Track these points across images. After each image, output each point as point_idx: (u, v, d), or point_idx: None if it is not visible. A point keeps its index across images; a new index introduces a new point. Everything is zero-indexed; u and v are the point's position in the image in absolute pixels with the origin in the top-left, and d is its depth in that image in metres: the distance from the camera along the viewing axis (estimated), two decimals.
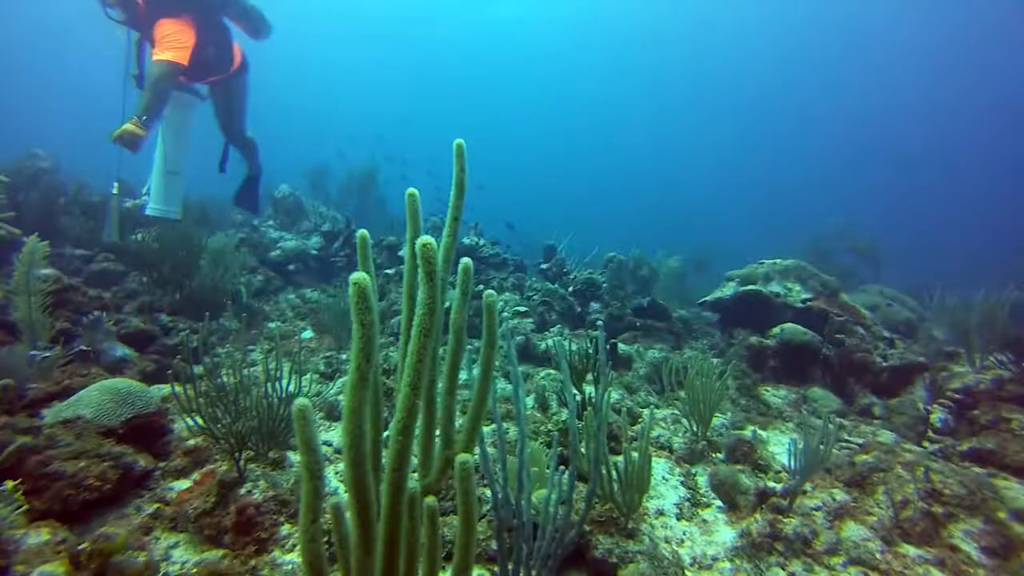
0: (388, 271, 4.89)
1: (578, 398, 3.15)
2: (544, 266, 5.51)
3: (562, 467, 1.95)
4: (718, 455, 3.05)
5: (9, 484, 1.66)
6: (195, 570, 1.91)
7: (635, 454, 2.22)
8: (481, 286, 4.68)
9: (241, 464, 2.18)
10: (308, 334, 4.56)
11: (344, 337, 3.99)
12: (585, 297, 5.38)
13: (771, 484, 2.71)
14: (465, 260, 1.07)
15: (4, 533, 1.58)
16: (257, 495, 2.15)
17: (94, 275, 4.97)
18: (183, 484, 2.42)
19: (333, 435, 2.98)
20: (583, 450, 2.35)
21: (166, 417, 2.60)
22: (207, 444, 2.59)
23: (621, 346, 4.53)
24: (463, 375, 2.32)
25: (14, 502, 1.67)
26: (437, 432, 1.13)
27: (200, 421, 2.17)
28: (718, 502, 2.64)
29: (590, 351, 4.85)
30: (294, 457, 2.53)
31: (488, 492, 1.82)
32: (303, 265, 5.78)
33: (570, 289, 5.43)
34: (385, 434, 1.03)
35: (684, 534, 2.43)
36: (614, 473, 2.21)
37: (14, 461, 1.85)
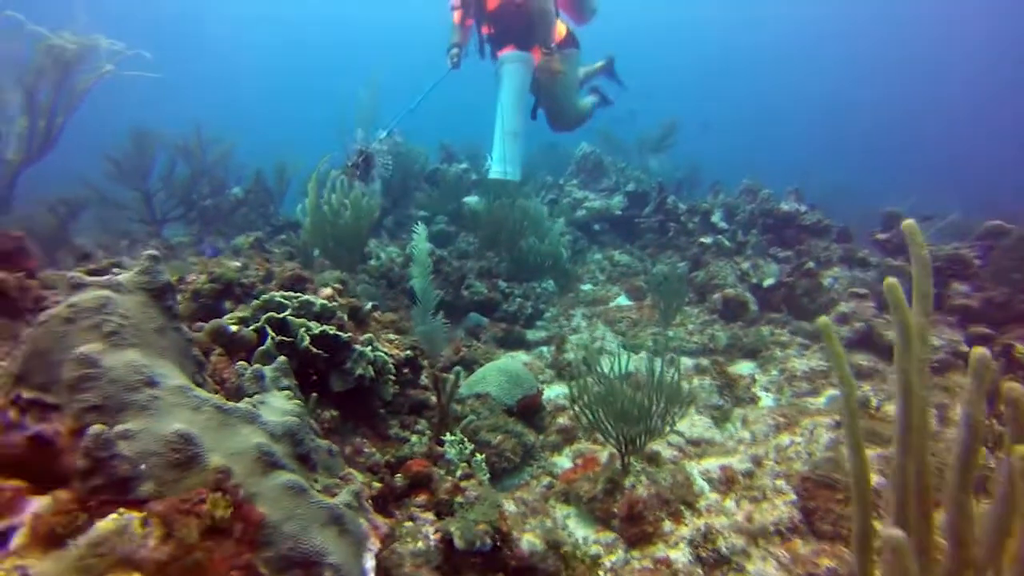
0: (704, 240, 4.71)
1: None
2: (882, 236, 4.68)
3: None
4: None
5: (479, 455, 2.12)
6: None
7: None
8: (812, 263, 4.19)
9: (626, 460, 2.38)
10: (623, 300, 4.72)
11: (669, 312, 4.00)
12: (943, 274, 4.43)
13: None
14: None
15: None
16: (641, 491, 2.33)
17: (433, 236, 5.86)
18: (560, 459, 2.78)
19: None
20: None
21: (542, 396, 2.98)
22: (574, 424, 2.92)
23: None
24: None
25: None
26: None
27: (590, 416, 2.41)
28: None
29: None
30: (663, 453, 2.67)
31: None
32: (607, 224, 5.96)
33: None
34: None
35: None
36: None
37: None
